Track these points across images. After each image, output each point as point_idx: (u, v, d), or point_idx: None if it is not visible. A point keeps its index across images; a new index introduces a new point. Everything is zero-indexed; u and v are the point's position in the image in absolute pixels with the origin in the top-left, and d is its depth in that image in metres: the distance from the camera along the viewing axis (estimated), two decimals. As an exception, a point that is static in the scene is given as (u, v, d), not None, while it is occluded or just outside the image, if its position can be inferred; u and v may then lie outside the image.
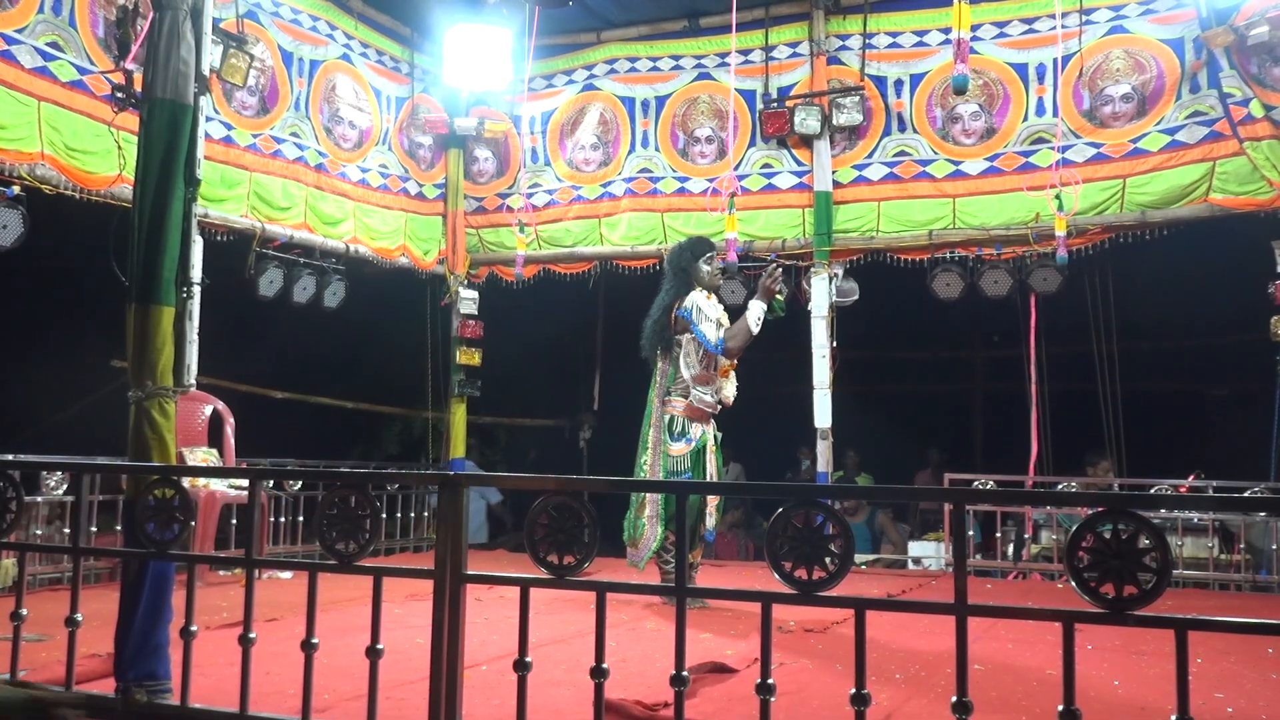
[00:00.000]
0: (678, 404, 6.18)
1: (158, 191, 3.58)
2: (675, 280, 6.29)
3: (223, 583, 6.83)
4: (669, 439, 6.14)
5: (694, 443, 6.16)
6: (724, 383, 6.28)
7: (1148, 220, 7.84)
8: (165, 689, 3.31)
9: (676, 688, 2.63)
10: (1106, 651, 4.78)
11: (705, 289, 6.23)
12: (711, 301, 6.23)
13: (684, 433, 6.16)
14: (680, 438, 6.14)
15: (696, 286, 6.22)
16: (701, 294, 6.17)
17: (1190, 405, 11.04)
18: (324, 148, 8.65)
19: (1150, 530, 2.27)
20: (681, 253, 6.33)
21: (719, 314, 6.23)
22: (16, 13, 6.40)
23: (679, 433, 6.15)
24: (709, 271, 6.24)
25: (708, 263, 6.25)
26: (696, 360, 6.18)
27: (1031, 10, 8.23)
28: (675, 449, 6.11)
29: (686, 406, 6.16)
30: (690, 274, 6.23)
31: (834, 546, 2.50)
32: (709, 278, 6.25)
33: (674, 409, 6.19)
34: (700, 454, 6.16)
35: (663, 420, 6.20)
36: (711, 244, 6.48)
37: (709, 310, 6.13)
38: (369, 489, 3.00)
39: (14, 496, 3.37)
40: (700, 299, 6.15)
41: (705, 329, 6.09)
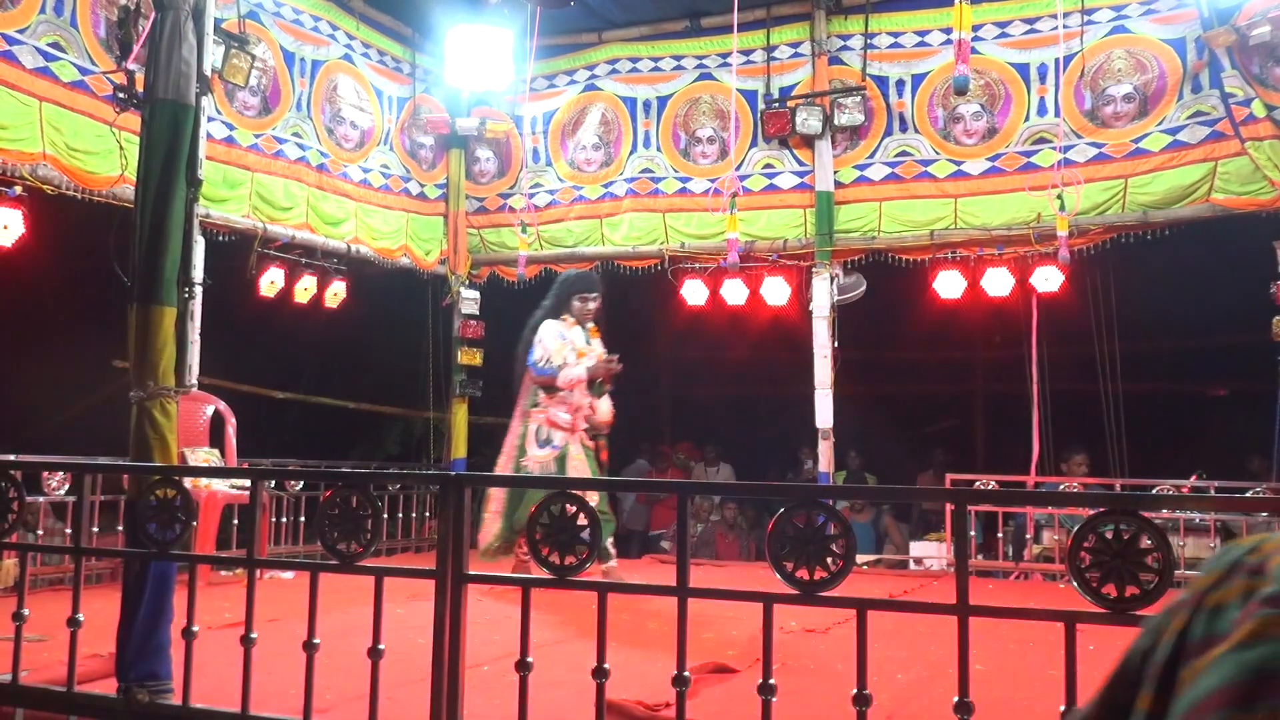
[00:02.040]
0: (539, 415, 6.74)
1: (159, 192, 3.59)
2: (550, 303, 6.93)
3: (224, 583, 6.83)
4: (534, 447, 6.66)
5: (558, 449, 6.66)
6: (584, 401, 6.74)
7: (1149, 220, 7.83)
8: (167, 689, 3.31)
9: (678, 688, 2.63)
10: (1108, 652, 4.75)
11: (574, 319, 6.82)
12: (574, 331, 6.78)
13: (548, 440, 6.69)
14: (545, 445, 6.66)
15: (565, 315, 6.80)
16: (561, 323, 6.77)
17: (1192, 405, 11.04)
18: (326, 148, 8.65)
19: (1152, 530, 2.27)
20: (566, 284, 6.97)
21: (579, 344, 6.77)
22: (18, 13, 6.40)
23: (544, 440, 6.69)
24: (579, 308, 6.82)
25: (581, 300, 6.84)
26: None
27: (1033, 10, 8.22)
28: (539, 455, 6.62)
29: (546, 418, 6.69)
30: (564, 305, 6.84)
31: (835, 547, 2.50)
32: (578, 313, 6.82)
33: (538, 419, 6.74)
34: (563, 461, 6.62)
35: (527, 429, 6.73)
36: (593, 284, 7.01)
37: (550, 339, 6.69)
38: (370, 489, 3.00)
39: (15, 497, 3.37)
40: (554, 328, 6.74)
41: (536, 350, 6.73)
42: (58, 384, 8.49)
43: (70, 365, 8.36)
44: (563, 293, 6.89)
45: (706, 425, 12.28)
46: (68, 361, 8.31)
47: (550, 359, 6.64)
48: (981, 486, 7.78)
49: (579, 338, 6.76)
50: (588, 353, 6.73)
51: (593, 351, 6.80)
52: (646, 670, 4.11)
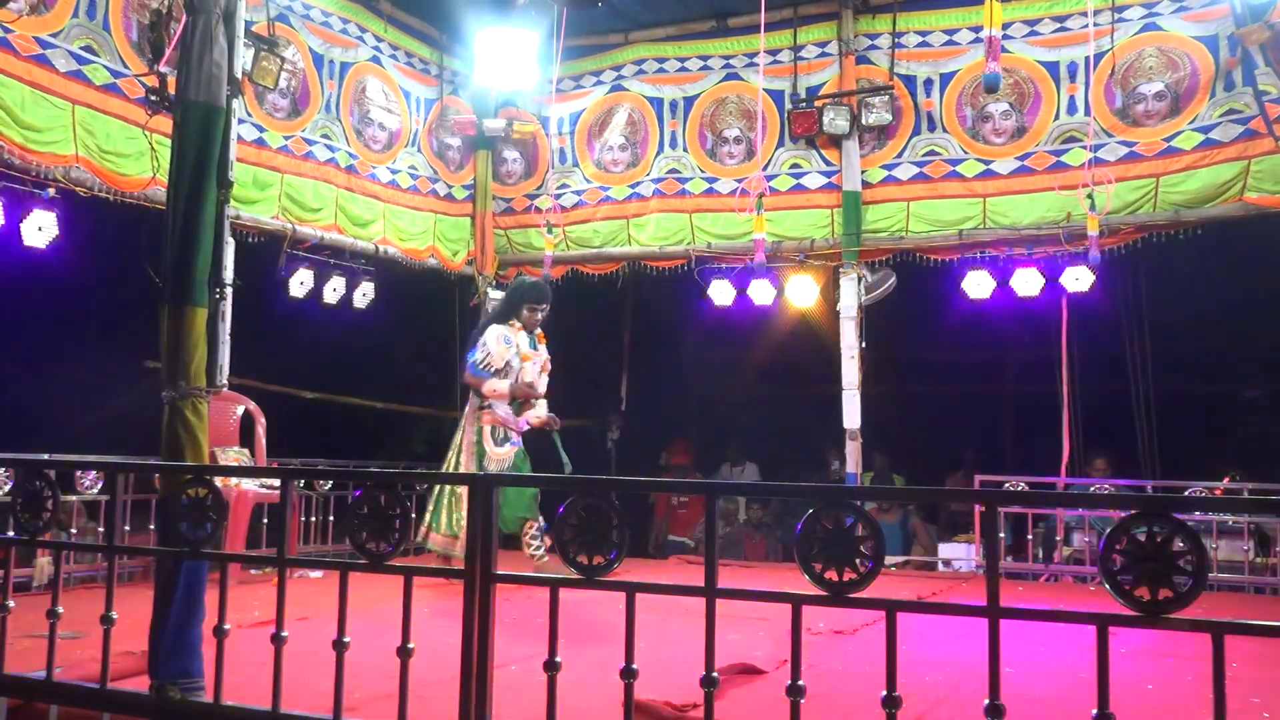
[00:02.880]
0: (488, 416, 6.90)
1: (191, 193, 3.61)
2: (501, 307, 7.11)
3: (253, 581, 6.87)
4: (493, 445, 6.84)
5: (517, 445, 6.90)
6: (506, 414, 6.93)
7: (1181, 219, 7.75)
8: (198, 686, 3.34)
9: (706, 689, 2.62)
10: (1138, 655, 4.74)
11: (521, 325, 6.97)
12: (519, 336, 6.93)
13: (506, 438, 6.89)
14: (504, 442, 6.86)
15: (513, 321, 6.95)
16: (506, 328, 6.91)
17: (1224, 406, 10.91)
18: (354, 149, 8.70)
19: (1185, 533, 2.24)
20: (518, 291, 7.10)
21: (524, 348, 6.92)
22: (51, 17, 6.48)
23: (501, 438, 6.87)
24: (527, 316, 6.98)
25: (530, 309, 6.97)
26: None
27: (1063, 8, 8.16)
28: (500, 453, 6.82)
29: (494, 418, 6.89)
30: (514, 311, 6.99)
31: (864, 548, 2.49)
32: (526, 320, 6.98)
33: (490, 419, 6.90)
34: (523, 456, 6.92)
35: (482, 429, 6.89)
36: (544, 295, 7.08)
37: (493, 343, 6.85)
38: (399, 489, 3.01)
39: (50, 496, 3.41)
40: (499, 331, 6.88)
41: (478, 352, 6.89)
42: (90, 384, 8.57)
43: (103, 365, 8.44)
44: (514, 299, 7.05)
45: (733, 426, 12.25)
46: (100, 362, 8.40)
47: (491, 362, 6.82)
48: (1011, 488, 7.72)
49: (524, 342, 6.95)
50: (532, 357, 6.95)
51: (538, 356, 7.02)
52: (674, 671, 4.10)
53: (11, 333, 8.08)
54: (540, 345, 7.10)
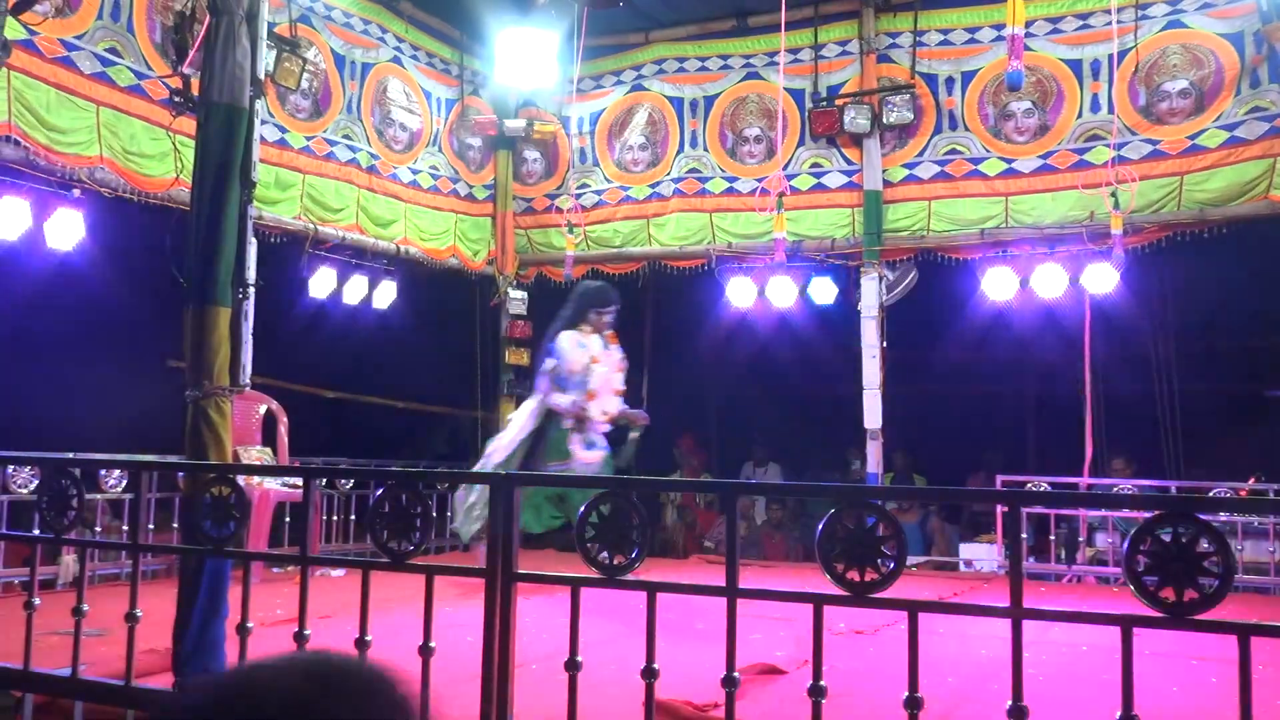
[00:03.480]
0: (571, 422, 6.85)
1: (214, 194, 3.64)
2: (569, 313, 7.02)
3: (276, 580, 6.91)
4: (581, 449, 6.81)
5: (606, 451, 6.87)
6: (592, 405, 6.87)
7: (1206, 218, 7.68)
8: (222, 684, 3.35)
9: (728, 689, 2.62)
10: (1162, 657, 4.70)
11: (590, 329, 6.93)
12: (591, 339, 6.89)
13: (593, 443, 6.85)
14: (591, 447, 6.83)
15: (582, 325, 6.90)
16: (578, 333, 6.88)
17: (1250, 407, 10.81)
18: (375, 149, 8.74)
19: (1211, 534, 2.23)
20: (583, 298, 7.04)
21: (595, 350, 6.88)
22: (76, 19, 6.53)
23: (589, 443, 6.84)
24: (595, 320, 6.93)
25: (597, 313, 6.93)
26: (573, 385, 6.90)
27: (1086, 5, 8.10)
28: (588, 456, 6.80)
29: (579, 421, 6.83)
30: (581, 316, 6.94)
31: (886, 548, 2.48)
32: (594, 324, 6.93)
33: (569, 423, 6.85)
34: (609, 462, 6.89)
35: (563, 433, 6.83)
36: (610, 299, 7.01)
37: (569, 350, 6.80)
38: (420, 488, 3.02)
39: (75, 494, 3.43)
40: (572, 338, 6.85)
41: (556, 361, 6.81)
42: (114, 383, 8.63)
43: (126, 365, 8.50)
44: (580, 304, 7.03)
45: (753, 426, 12.22)
46: (124, 361, 8.45)
47: (571, 370, 6.81)
48: (1033, 488, 7.68)
49: (596, 345, 6.94)
50: (602, 359, 6.92)
51: (610, 358, 6.99)
52: (695, 670, 4.10)
53: (37, 333, 8.14)
54: (612, 346, 7.08)
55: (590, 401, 6.85)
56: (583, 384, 6.83)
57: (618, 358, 7.06)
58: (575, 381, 6.80)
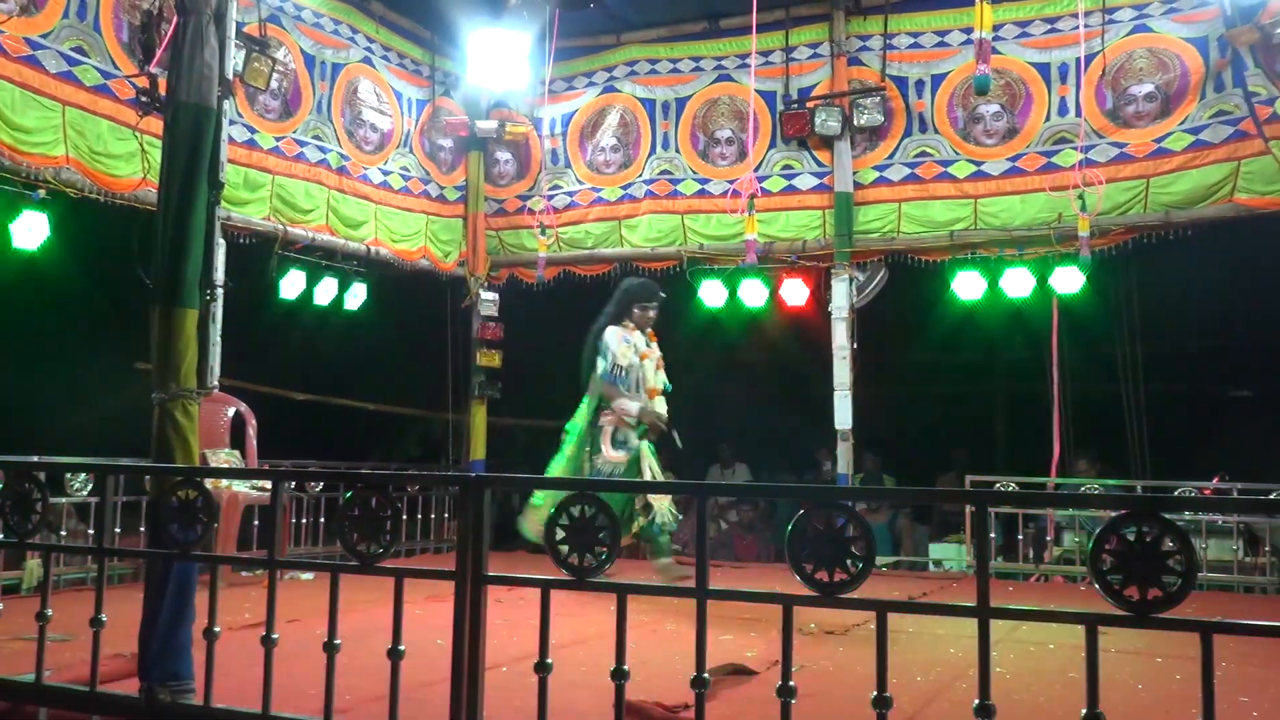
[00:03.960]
0: (609, 417, 6.85)
1: (182, 195, 3.61)
2: (613, 309, 7.03)
3: (244, 583, 6.86)
4: (609, 447, 6.81)
5: (631, 450, 6.79)
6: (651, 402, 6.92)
7: (1172, 220, 7.78)
8: (188, 689, 3.33)
9: (697, 690, 2.62)
10: (1129, 655, 4.75)
11: (634, 325, 6.96)
12: (635, 335, 6.93)
13: (624, 441, 6.81)
14: (621, 446, 6.79)
15: (626, 322, 6.93)
16: (623, 329, 6.91)
17: (1214, 407, 10.94)
18: (346, 150, 8.70)
19: (1175, 533, 2.25)
20: (627, 293, 7.05)
21: (641, 347, 6.93)
22: (42, 18, 6.46)
23: (620, 441, 6.79)
24: (639, 315, 6.96)
25: (641, 308, 6.95)
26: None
27: (1054, 9, 8.18)
28: (614, 455, 6.77)
29: (616, 419, 6.82)
30: (625, 312, 6.97)
31: (855, 549, 2.49)
32: (638, 320, 6.97)
33: (609, 421, 6.85)
34: (635, 461, 6.81)
35: (601, 430, 6.84)
36: (653, 294, 7.04)
37: (616, 346, 6.84)
38: (390, 490, 3.01)
39: (39, 498, 3.39)
40: (618, 334, 6.87)
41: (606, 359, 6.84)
42: (80, 385, 8.55)
43: (93, 367, 8.42)
44: (624, 300, 7.02)
45: (724, 426, 12.25)
46: (90, 363, 8.37)
47: (621, 366, 6.81)
48: (1001, 488, 7.74)
49: (640, 341, 6.95)
50: (649, 355, 6.94)
51: (653, 355, 7.00)
52: (665, 671, 4.11)
53: (1, 334, 8.05)
54: (653, 344, 7.09)
55: (652, 399, 6.90)
56: (637, 381, 6.85)
57: (659, 355, 7.09)
58: (624, 377, 6.81)
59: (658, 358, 7.06)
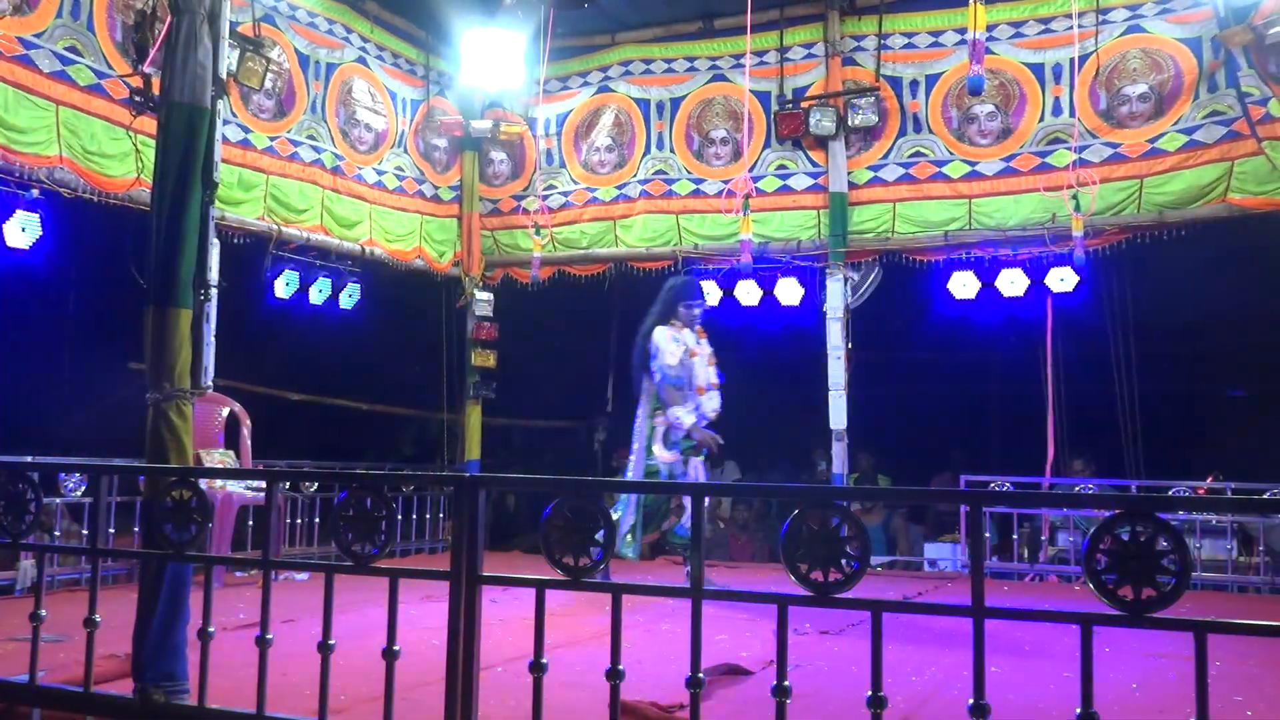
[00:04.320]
0: (661, 418, 6.89)
1: (175, 194, 3.60)
2: (659, 309, 7.06)
3: (239, 584, 6.86)
4: (662, 448, 6.85)
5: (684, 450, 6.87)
6: (702, 400, 6.95)
7: (1165, 220, 7.79)
8: (183, 689, 3.33)
9: (692, 690, 2.62)
10: (1124, 654, 4.76)
11: (681, 323, 6.98)
12: (684, 334, 6.94)
13: (677, 442, 6.86)
14: (674, 446, 6.85)
15: (673, 320, 6.95)
16: (671, 328, 6.92)
17: (1208, 407, 10.96)
18: (340, 150, 8.69)
19: (1169, 533, 2.25)
20: (672, 292, 7.08)
21: (690, 344, 6.93)
22: (35, 17, 6.44)
23: (672, 442, 6.86)
24: (685, 314, 6.98)
25: (687, 307, 6.98)
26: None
27: (1047, 10, 8.19)
28: (668, 456, 6.82)
29: (668, 420, 6.85)
30: (671, 311, 6.99)
31: (850, 549, 2.50)
32: (684, 318, 6.99)
33: (661, 422, 6.89)
34: (687, 461, 6.90)
35: (654, 430, 6.89)
36: (698, 292, 7.13)
37: (665, 346, 6.84)
38: (385, 491, 3.00)
39: (33, 498, 3.39)
40: (666, 333, 6.88)
41: (657, 359, 6.84)
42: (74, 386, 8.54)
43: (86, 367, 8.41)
44: (670, 299, 7.05)
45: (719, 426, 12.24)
46: (84, 363, 8.36)
47: (670, 366, 6.82)
48: (996, 488, 7.75)
49: (690, 339, 6.97)
50: (699, 353, 6.96)
51: (703, 352, 7.01)
52: (660, 671, 4.11)
53: (-6, 334, 8.04)
54: (702, 340, 7.09)
55: (701, 397, 6.92)
56: (686, 380, 6.87)
57: (709, 351, 7.09)
58: (676, 377, 6.82)
59: (708, 354, 7.07)
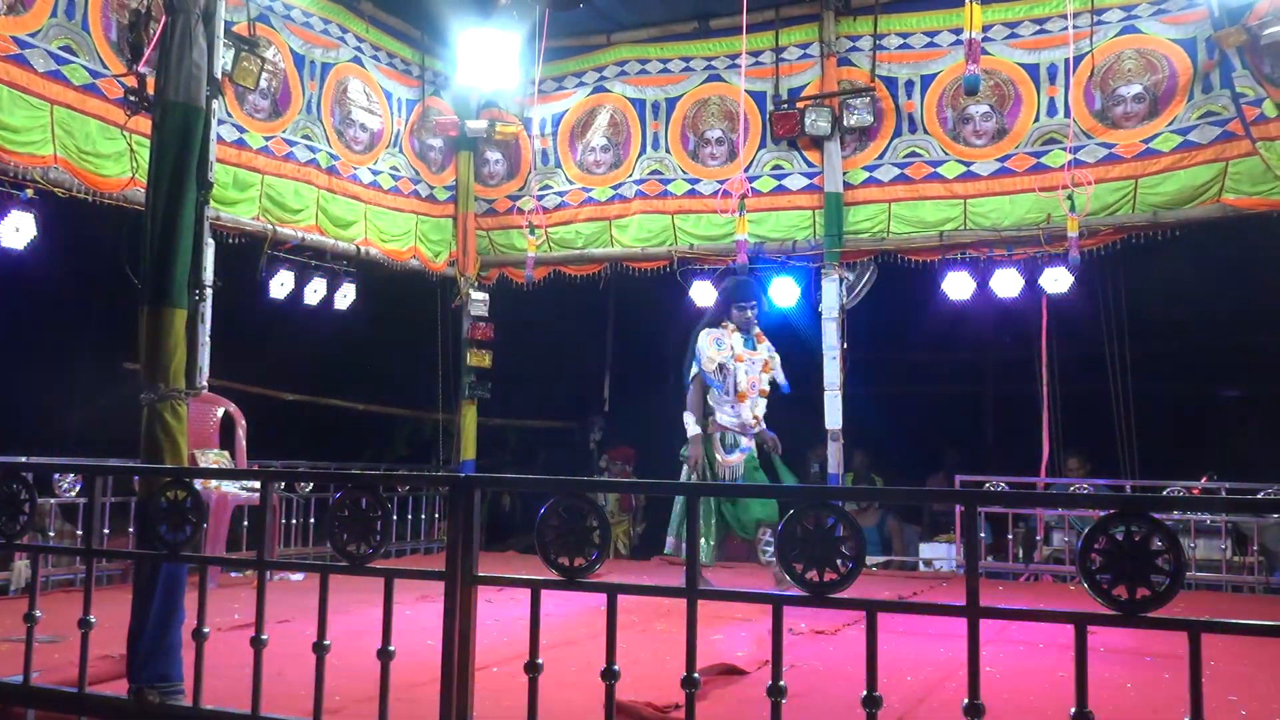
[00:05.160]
0: (713, 424, 6.84)
1: (170, 194, 3.60)
2: (712, 311, 7.06)
3: (234, 584, 6.85)
4: (722, 452, 6.79)
5: (745, 452, 6.81)
6: (743, 406, 6.83)
7: (1160, 221, 7.80)
8: (178, 690, 3.32)
9: (688, 690, 2.62)
10: (1118, 654, 4.77)
11: (734, 326, 6.89)
12: (733, 337, 6.83)
13: (735, 444, 6.79)
14: (733, 449, 6.78)
15: (725, 323, 6.88)
16: (720, 330, 6.85)
17: (1202, 407, 10.99)
18: (335, 150, 8.68)
19: (1163, 532, 2.26)
20: (724, 293, 7.07)
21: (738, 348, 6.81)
22: (30, 16, 6.43)
23: (730, 445, 6.79)
24: (737, 316, 6.89)
25: (739, 309, 6.88)
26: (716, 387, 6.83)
27: (1043, 10, 8.20)
28: (729, 460, 6.76)
29: (718, 425, 6.80)
30: (724, 313, 6.94)
31: (845, 548, 2.50)
32: (737, 320, 6.89)
33: (714, 427, 6.84)
34: (752, 462, 6.85)
35: (710, 436, 6.81)
36: (749, 292, 7.01)
37: (707, 350, 6.77)
38: (380, 491, 3.00)
39: (27, 499, 3.38)
40: (710, 335, 6.83)
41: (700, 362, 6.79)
42: (69, 386, 8.52)
43: (81, 367, 8.39)
44: (722, 301, 7.01)
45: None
46: (79, 363, 8.34)
47: (707, 371, 6.75)
48: (991, 488, 7.76)
49: (739, 343, 6.85)
50: (747, 357, 6.83)
51: (756, 356, 6.89)
52: (656, 671, 4.11)
53: (-11, 334, 8.02)
54: (760, 344, 6.97)
55: (742, 403, 6.79)
56: (724, 385, 6.76)
57: (765, 355, 6.95)
58: (719, 380, 6.74)
59: (764, 358, 6.94)
